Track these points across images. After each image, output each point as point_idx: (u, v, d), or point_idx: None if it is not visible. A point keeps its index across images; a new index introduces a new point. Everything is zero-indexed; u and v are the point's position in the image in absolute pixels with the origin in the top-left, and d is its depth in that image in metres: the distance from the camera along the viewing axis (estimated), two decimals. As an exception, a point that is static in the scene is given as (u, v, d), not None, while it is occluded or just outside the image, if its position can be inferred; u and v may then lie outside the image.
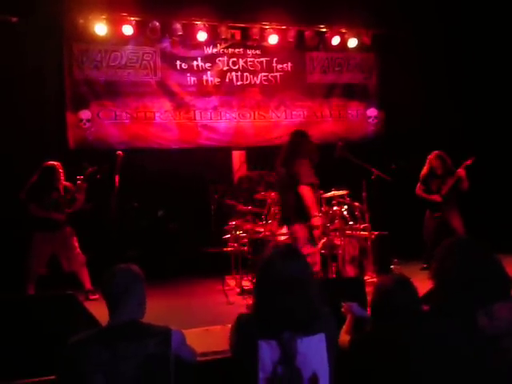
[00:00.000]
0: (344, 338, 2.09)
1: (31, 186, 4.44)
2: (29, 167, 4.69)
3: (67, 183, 4.61)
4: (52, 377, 2.29)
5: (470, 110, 6.56)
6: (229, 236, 5.09)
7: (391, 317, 1.82)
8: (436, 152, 5.44)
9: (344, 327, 2.23)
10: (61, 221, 4.46)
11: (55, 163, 4.57)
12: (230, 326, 3.25)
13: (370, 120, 7.10)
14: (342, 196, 5.05)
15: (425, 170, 5.51)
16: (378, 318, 1.92)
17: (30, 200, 4.39)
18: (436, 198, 5.41)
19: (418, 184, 5.53)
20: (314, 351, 1.71)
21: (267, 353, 1.69)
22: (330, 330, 1.77)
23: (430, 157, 5.47)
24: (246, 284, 4.76)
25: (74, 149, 6.11)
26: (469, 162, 5.28)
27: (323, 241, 4.82)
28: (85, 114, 6.24)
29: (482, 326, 1.86)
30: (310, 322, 1.74)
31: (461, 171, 5.28)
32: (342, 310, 2.30)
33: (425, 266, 5.40)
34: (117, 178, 3.78)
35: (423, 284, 2.19)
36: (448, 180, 5.36)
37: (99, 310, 3.05)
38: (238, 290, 4.68)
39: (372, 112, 7.10)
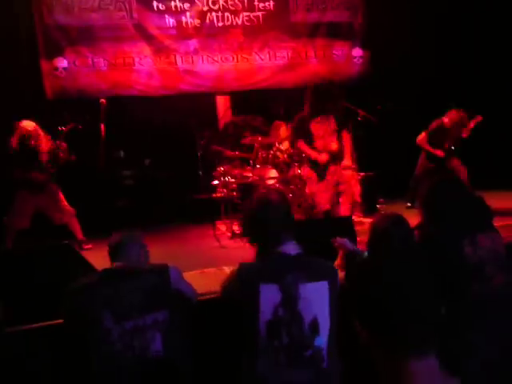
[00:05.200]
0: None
1: (12, 152, 4.31)
2: (5, 119, 4.54)
3: (48, 144, 4.46)
4: (54, 321, 2.36)
5: (457, 48, 6.47)
6: (217, 182, 5.10)
7: (388, 253, 1.89)
8: (460, 112, 5.24)
9: (336, 262, 2.32)
10: (45, 181, 4.39)
11: (31, 128, 4.36)
12: (224, 268, 3.40)
13: (356, 60, 6.96)
14: (328, 138, 5.04)
15: (437, 123, 5.33)
16: (375, 255, 1.99)
17: (13, 166, 4.30)
18: (439, 152, 5.33)
19: (424, 134, 5.39)
20: (316, 297, 1.74)
21: (269, 296, 1.70)
22: (333, 279, 1.80)
23: (452, 116, 5.25)
24: (237, 228, 4.84)
25: (51, 99, 5.91)
26: (476, 121, 5.22)
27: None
28: (60, 62, 5.99)
29: (468, 254, 1.96)
30: (313, 267, 1.79)
31: (467, 132, 5.23)
32: (335, 245, 2.37)
33: (409, 204, 5.55)
34: (102, 127, 3.69)
35: (410, 221, 2.27)
36: (455, 137, 5.28)
37: (94, 260, 3.11)
38: (229, 234, 4.76)
39: (357, 52, 6.94)
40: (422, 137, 5.43)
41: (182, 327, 1.98)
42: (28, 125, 4.38)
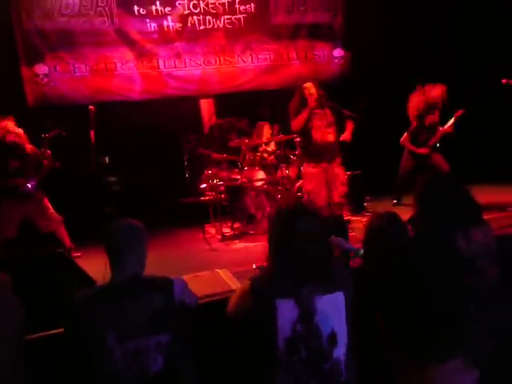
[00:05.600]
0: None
1: None
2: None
3: (32, 148, 4.38)
4: (50, 332, 2.33)
5: (438, 48, 6.60)
6: (205, 185, 5.10)
7: (384, 251, 1.92)
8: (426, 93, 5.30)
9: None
10: (29, 189, 4.31)
11: (10, 128, 4.28)
12: (218, 271, 3.40)
13: (337, 61, 7.05)
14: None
15: (414, 124, 5.41)
16: (371, 253, 2.03)
17: None
18: (423, 151, 5.39)
19: (405, 135, 5.47)
20: (332, 309, 1.69)
21: (286, 312, 1.65)
22: (348, 288, 1.75)
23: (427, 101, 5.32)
24: (227, 231, 4.86)
25: (33, 106, 5.83)
26: (458, 115, 5.31)
27: (299, 184, 4.92)
28: (41, 69, 5.91)
29: (462, 248, 2.01)
30: (327, 278, 1.73)
31: (450, 127, 5.32)
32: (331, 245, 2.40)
33: (395, 201, 5.63)
34: (92, 134, 3.65)
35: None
36: (436, 132, 5.35)
37: (85, 267, 3.08)
38: (219, 236, 4.77)
39: (338, 52, 7.03)
40: (404, 137, 5.52)
41: (185, 343, 1.95)
42: (12, 126, 4.30)
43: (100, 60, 6.11)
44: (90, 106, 3.76)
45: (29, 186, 4.30)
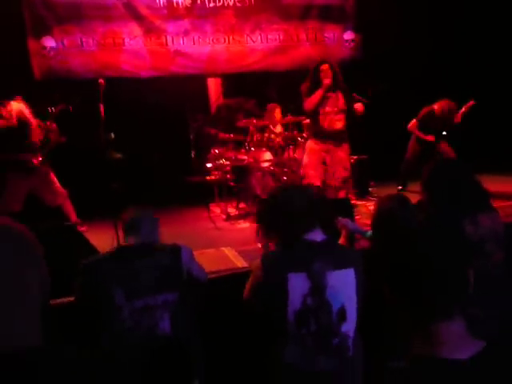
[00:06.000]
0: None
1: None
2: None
3: (37, 123, 4.37)
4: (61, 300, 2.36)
5: (450, 30, 6.50)
6: (211, 164, 5.10)
7: (393, 233, 1.93)
8: (450, 103, 5.26)
9: (340, 241, 2.36)
10: (36, 163, 4.32)
11: (20, 108, 4.24)
12: (223, 249, 3.44)
13: (347, 44, 6.95)
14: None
15: (427, 110, 5.36)
16: (380, 235, 2.03)
17: (2, 147, 4.21)
18: (431, 138, 5.36)
19: (414, 121, 5.43)
20: (343, 284, 1.72)
21: (297, 285, 1.67)
22: (359, 266, 1.78)
23: (442, 104, 5.26)
24: (232, 210, 4.88)
25: (39, 79, 5.80)
26: (468, 106, 5.26)
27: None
28: (48, 41, 5.85)
29: (469, 233, 2.03)
30: (338, 254, 1.78)
31: (459, 118, 5.27)
32: (338, 225, 2.41)
33: (400, 188, 5.63)
34: (101, 108, 3.64)
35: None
36: (446, 124, 5.32)
37: (91, 241, 3.11)
38: (224, 216, 4.79)
39: (349, 35, 6.93)
40: (412, 124, 5.49)
41: (191, 309, 2.01)
42: (18, 105, 4.28)
43: (108, 34, 6.05)
44: (100, 80, 3.73)
45: (34, 161, 4.30)
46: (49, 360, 1.02)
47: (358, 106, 4.45)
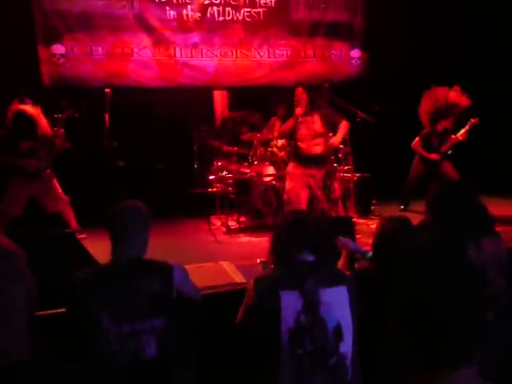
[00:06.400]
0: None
1: (4, 136, 4.22)
2: (1, 107, 4.45)
3: (45, 129, 4.37)
4: (53, 311, 2.34)
5: (457, 49, 6.53)
6: (213, 177, 5.10)
7: (395, 255, 1.91)
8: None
9: (340, 261, 2.34)
10: (39, 168, 4.32)
11: (26, 108, 4.25)
12: (222, 263, 3.41)
13: (354, 61, 7.00)
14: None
15: (427, 129, 5.39)
16: (381, 257, 2.01)
17: (6, 152, 4.20)
18: (434, 156, 5.33)
19: (417, 139, 5.42)
20: (337, 301, 1.71)
21: (290, 303, 1.66)
22: (351, 284, 1.78)
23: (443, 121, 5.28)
24: (232, 223, 4.85)
25: (48, 86, 5.84)
26: (472, 123, 5.25)
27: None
28: (58, 49, 5.91)
29: (472, 257, 2.00)
30: (331, 273, 1.79)
31: (463, 135, 5.27)
32: (338, 244, 2.39)
33: (402, 207, 5.61)
34: (107, 117, 3.65)
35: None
36: (449, 139, 5.31)
37: (90, 249, 3.09)
38: (225, 229, 4.77)
39: (356, 53, 6.98)
40: (415, 142, 5.48)
41: (181, 330, 1.95)
42: (22, 107, 4.28)
43: (117, 44, 6.10)
44: (106, 89, 3.75)
45: (37, 166, 4.29)
46: (35, 374, 0.99)
47: (334, 141, 4.36)
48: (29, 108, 4.27)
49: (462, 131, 5.34)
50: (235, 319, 1.85)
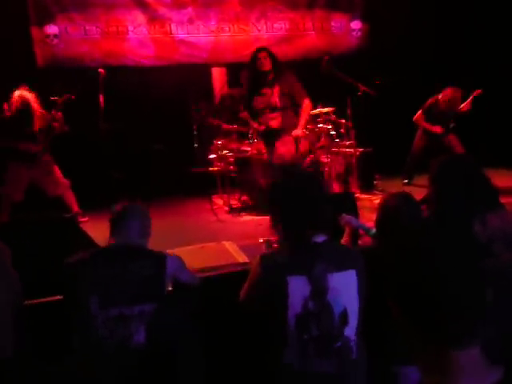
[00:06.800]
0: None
1: (2, 121, 4.18)
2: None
3: (42, 112, 4.32)
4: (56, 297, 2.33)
5: (458, 20, 6.36)
6: (214, 156, 5.04)
7: (399, 231, 1.87)
8: (455, 91, 5.14)
9: (343, 239, 2.31)
10: (38, 152, 4.28)
11: (27, 96, 4.20)
12: (224, 243, 3.39)
13: (354, 33, 6.82)
14: (327, 113, 5.00)
15: (432, 100, 5.26)
16: (384, 233, 1.98)
17: (3, 135, 4.18)
18: (437, 129, 5.24)
19: (420, 112, 5.32)
20: (344, 287, 1.66)
21: (297, 289, 1.62)
22: (361, 267, 1.72)
23: (447, 93, 5.13)
24: (234, 202, 4.83)
25: (43, 67, 5.74)
26: (475, 94, 5.16)
27: (309, 158, 4.85)
28: (51, 29, 5.79)
29: (477, 232, 1.96)
30: (339, 255, 1.72)
31: (466, 106, 5.17)
32: (341, 222, 2.36)
33: (406, 181, 5.55)
34: (101, 98, 3.59)
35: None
36: (453, 113, 5.21)
37: (91, 232, 3.07)
38: (227, 208, 4.74)
39: (356, 24, 6.80)
40: (418, 115, 5.39)
41: (173, 319, 1.93)
42: (24, 93, 4.23)
43: (111, 23, 5.97)
44: (100, 69, 3.67)
45: (35, 149, 4.25)
46: (18, 371, 0.97)
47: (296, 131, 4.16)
48: (28, 95, 4.21)
49: (466, 102, 5.24)
50: (237, 302, 1.82)
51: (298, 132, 4.16)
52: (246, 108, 4.31)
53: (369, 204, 4.49)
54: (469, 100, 5.23)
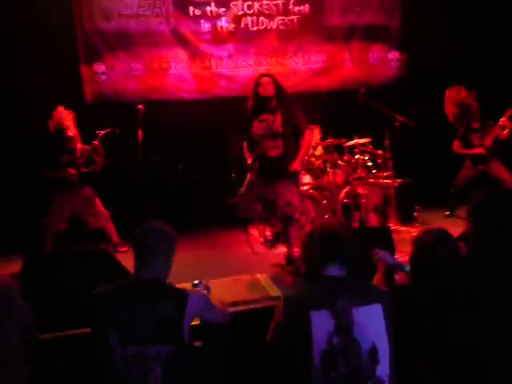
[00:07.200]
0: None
1: (42, 150, 4.41)
2: (46, 123, 4.64)
3: (85, 147, 4.54)
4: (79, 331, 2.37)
5: (497, 49, 6.23)
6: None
7: (433, 270, 1.80)
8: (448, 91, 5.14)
9: (377, 276, 2.23)
10: (76, 179, 4.45)
11: (60, 113, 4.43)
12: (258, 276, 3.37)
13: (392, 63, 6.80)
14: (364, 144, 4.97)
15: (461, 129, 5.19)
16: (418, 271, 1.91)
17: (43, 166, 4.40)
18: (480, 150, 5.10)
19: (455, 142, 5.21)
20: (371, 321, 1.60)
21: (321, 324, 1.58)
22: (387, 303, 1.66)
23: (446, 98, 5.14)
24: (269, 234, 4.81)
25: (90, 103, 6.06)
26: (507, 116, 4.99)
27: (346, 190, 4.80)
28: (99, 67, 6.12)
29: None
30: (364, 289, 1.69)
31: (504, 120, 5.00)
32: (375, 258, 2.29)
33: (447, 213, 5.36)
34: (140, 133, 3.74)
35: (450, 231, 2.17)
36: (489, 130, 5.07)
37: (130, 262, 3.14)
38: (262, 239, 4.73)
39: (394, 55, 6.79)
40: (455, 145, 5.24)
41: (192, 362, 1.87)
42: (59, 109, 4.46)
43: (154, 59, 6.25)
44: (139, 106, 3.84)
45: (74, 176, 4.41)
46: None
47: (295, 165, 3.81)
48: (63, 112, 4.43)
49: (504, 117, 4.99)
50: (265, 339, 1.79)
51: (297, 166, 3.80)
52: (246, 137, 4.01)
53: (408, 237, 4.35)
54: (507, 113, 4.97)
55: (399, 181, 4.98)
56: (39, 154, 4.43)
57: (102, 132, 4.51)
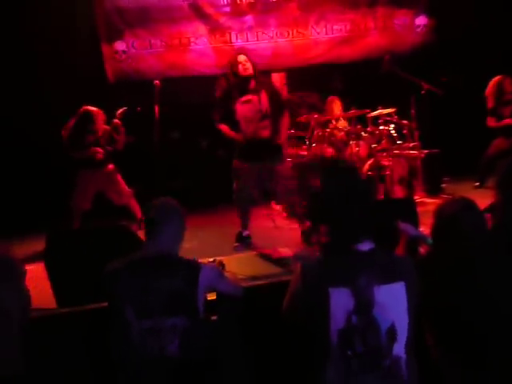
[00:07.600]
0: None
1: (69, 133, 4.47)
2: (69, 104, 4.70)
3: (105, 127, 4.58)
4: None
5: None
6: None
7: (457, 241, 1.72)
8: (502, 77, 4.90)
9: (398, 249, 2.17)
10: (100, 158, 4.50)
11: (93, 110, 4.49)
12: (280, 249, 3.36)
13: (419, 29, 6.50)
14: (389, 114, 4.82)
15: (491, 102, 5.00)
16: (441, 242, 1.82)
17: (70, 147, 4.47)
18: (509, 121, 4.92)
19: (488, 117, 5.03)
20: (392, 301, 1.54)
21: (340, 302, 1.53)
22: (411, 279, 1.59)
23: (495, 82, 4.92)
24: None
25: (113, 82, 6.07)
26: None
27: (370, 162, 4.69)
28: (120, 45, 6.12)
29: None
30: (386, 265, 1.59)
31: None
32: (398, 230, 2.21)
33: (477, 184, 5.17)
34: (156, 109, 3.72)
35: (479, 202, 2.08)
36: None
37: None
38: (284, 214, 4.70)
39: (421, 20, 6.48)
40: (488, 120, 5.04)
41: (207, 333, 1.89)
42: (90, 108, 4.51)
43: (174, 35, 6.19)
44: (155, 81, 3.81)
45: (99, 155, 4.46)
46: None
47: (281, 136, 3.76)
48: (92, 108, 4.48)
49: None
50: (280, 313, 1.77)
51: (284, 140, 3.85)
52: (223, 119, 3.88)
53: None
54: None
55: (426, 152, 4.82)
56: (67, 139, 4.49)
57: (120, 110, 4.52)
